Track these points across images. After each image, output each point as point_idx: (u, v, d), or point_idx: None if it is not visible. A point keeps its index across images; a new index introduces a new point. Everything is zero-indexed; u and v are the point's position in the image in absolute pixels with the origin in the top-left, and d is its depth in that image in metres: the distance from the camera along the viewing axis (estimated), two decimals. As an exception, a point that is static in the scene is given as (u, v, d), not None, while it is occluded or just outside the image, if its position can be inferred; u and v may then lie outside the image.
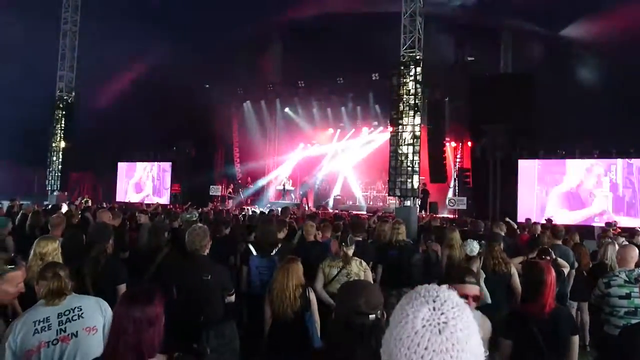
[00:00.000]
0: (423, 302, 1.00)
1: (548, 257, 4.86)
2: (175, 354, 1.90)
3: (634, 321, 3.84)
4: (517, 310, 3.14)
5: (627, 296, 3.94)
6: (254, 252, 4.69)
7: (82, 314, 2.47)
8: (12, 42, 16.63)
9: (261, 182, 22.60)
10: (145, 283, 4.50)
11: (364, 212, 16.36)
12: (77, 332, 2.42)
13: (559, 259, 5.35)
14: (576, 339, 3.03)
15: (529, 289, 3.11)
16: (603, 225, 11.50)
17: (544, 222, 10.80)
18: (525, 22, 17.65)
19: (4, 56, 16.99)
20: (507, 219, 9.22)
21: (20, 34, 16.42)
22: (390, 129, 13.41)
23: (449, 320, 0.96)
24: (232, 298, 4.03)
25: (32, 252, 3.31)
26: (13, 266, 2.53)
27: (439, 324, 0.96)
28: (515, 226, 9.27)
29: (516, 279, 4.99)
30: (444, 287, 1.05)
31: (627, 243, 5.52)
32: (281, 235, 5.43)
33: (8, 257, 2.66)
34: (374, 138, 21.58)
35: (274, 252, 4.65)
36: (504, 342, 2.96)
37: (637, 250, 4.25)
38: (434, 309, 0.98)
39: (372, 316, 1.85)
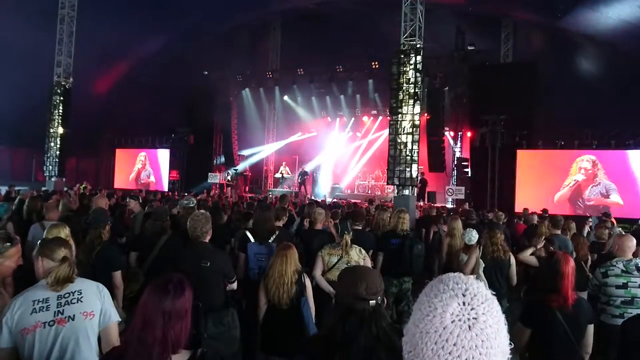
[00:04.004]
0: (452, 295, 0.97)
1: (551, 248, 4.85)
2: (199, 349, 1.79)
3: (630, 310, 3.87)
4: (540, 300, 3.08)
5: (624, 286, 3.97)
6: (252, 239, 4.67)
7: (81, 297, 2.47)
8: (9, 27, 16.42)
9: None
10: (144, 271, 4.51)
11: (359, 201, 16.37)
12: (74, 315, 2.42)
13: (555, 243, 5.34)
14: (591, 327, 3.05)
15: (548, 280, 3.09)
16: (599, 215, 11.51)
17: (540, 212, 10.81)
18: (527, 11, 17.52)
19: (0, 41, 16.79)
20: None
21: (17, 19, 16.20)
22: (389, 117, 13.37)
23: (479, 316, 0.94)
24: (234, 285, 4.03)
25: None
26: (10, 243, 2.64)
27: (469, 319, 0.93)
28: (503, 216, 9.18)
29: (514, 270, 5.00)
30: (472, 278, 1.01)
31: (623, 232, 5.54)
32: (281, 222, 5.42)
33: (4, 234, 2.77)
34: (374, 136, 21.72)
35: (271, 238, 4.62)
36: (523, 329, 2.98)
37: (634, 240, 4.25)
38: (463, 303, 0.95)
39: (372, 302, 1.85)
